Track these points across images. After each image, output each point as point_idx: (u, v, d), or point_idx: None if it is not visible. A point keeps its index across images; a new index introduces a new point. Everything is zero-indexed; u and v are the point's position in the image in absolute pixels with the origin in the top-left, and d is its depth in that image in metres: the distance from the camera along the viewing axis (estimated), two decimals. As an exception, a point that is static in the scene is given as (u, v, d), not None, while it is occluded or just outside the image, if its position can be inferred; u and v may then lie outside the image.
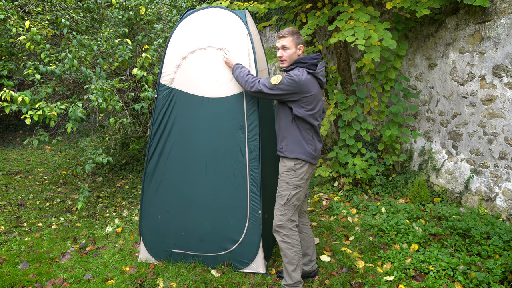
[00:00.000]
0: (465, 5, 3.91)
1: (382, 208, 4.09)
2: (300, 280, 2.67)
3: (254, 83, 2.60)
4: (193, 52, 2.94)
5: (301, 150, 2.61)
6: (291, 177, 2.63)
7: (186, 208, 3.06)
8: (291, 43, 2.60)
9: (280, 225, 2.65)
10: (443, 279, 2.84)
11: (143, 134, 5.91)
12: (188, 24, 2.97)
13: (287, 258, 2.64)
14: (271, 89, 2.54)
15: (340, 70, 4.91)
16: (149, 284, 2.91)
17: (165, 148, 3.04)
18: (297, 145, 2.61)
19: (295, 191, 2.64)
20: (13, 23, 4.17)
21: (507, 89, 3.58)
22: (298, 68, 2.59)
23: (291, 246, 2.63)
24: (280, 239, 2.66)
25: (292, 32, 2.61)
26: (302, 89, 2.52)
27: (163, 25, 4.90)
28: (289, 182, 2.63)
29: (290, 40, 2.60)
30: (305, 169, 2.64)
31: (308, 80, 2.54)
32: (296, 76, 2.51)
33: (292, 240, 2.64)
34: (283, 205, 2.64)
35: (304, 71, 2.55)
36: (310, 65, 2.60)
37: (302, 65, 2.60)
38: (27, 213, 4.49)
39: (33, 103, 3.79)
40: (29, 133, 9.15)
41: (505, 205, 3.68)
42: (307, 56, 2.64)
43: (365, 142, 4.79)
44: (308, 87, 2.53)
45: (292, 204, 2.64)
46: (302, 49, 2.65)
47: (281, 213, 2.65)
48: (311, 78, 2.57)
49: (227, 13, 2.92)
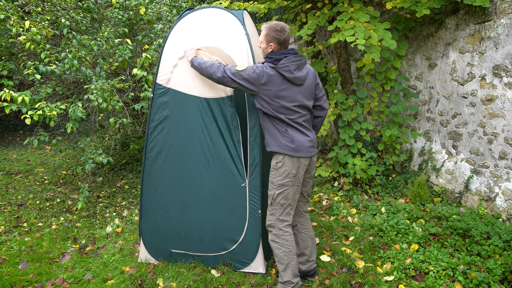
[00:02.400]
0: (465, 5, 3.91)
1: (382, 208, 4.09)
2: (290, 281, 2.63)
3: (220, 68, 2.59)
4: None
5: (276, 143, 2.59)
6: (274, 176, 2.62)
7: (186, 208, 3.06)
8: (263, 38, 2.60)
9: (270, 225, 2.67)
10: (443, 279, 2.84)
11: (143, 134, 5.91)
12: (185, 24, 2.97)
13: (277, 257, 2.66)
14: (233, 74, 2.54)
15: (340, 70, 4.91)
16: (149, 284, 2.91)
17: (163, 148, 3.04)
18: (272, 138, 2.61)
19: (280, 191, 2.60)
20: (13, 23, 4.17)
21: (507, 89, 3.58)
22: (265, 63, 2.60)
23: (280, 246, 2.63)
24: (270, 238, 2.68)
25: (266, 28, 2.58)
26: (259, 82, 2.51)
27: (163, 25, 4.90)
28: (273, 182, 2.62)
29: (263, 35, 2.61)
30: (288, 166, 2.58)
31: (267, 74, 2.51)
32: (257, 68, 2.52)
33: (281, 240, 2.63)
34: (270, 205, 2.67)
35: (267, 65, 2.55)
36: (275, 60, 2.56)
37: (268, 60, 2.60)
38: (27, 213, 4.49)
39: (33, 103, 3.79)
40: (29, 133, 9.15)
41: (505, 205, 3.68)
42: (277, 51, 2.59)
43: (365, 142, 4.79)
44: (263, 80, 2.51)
45: (279, 203, 2.62)
46: (273, 47, 2.59)
47: (270, 213, 2.67)
48: (274, 73, 2.53)
49: (224, 13, 2.92)
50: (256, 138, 2.86)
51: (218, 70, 2.60)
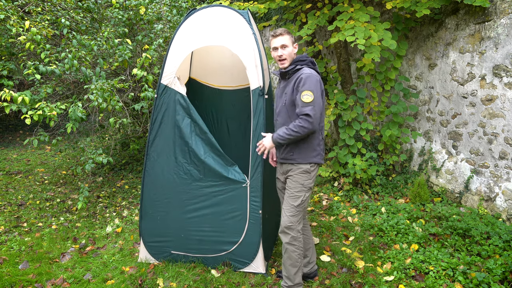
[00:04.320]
0: (465, 5, 3.91)
1: (382, 208, 4.09)
2: (301, 282, 2.66)
3: (303, 121, 2.41)
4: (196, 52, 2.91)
5: (314, 153, 2.59)
6: (305, 179, 2.59)
7: (185, 209, 3.05)
8: (289, 40, 2.55)
9: (290, 227, 2.58)
10: (443, 279, 2.84)
11: (143, 134, 5.91)
12: (191, 24, 2.94)
13: (291, 260, 2.60)
14: (314, 109, 2.39)
15: (340, 70, 4.91)
16: (149, 284, 2.91)
17: (164, 148, 3.04)
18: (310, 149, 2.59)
19: (309, 193, 2.63)
20: (13, 23, 4.17)
21: (507, 89, 3.58)
22: (305, 67, 2.54)
23: (296, 249, 2.59)
24: (287, 240, 2.59)
25: (287, 31, 2.57)
26: (322, 86, 2.53)
27: (163, 25, 4.90)
28: (304, 184, 2.59)
29: (288, 38, 2.55)
30: (317, 171, 2.65)
31: (321, 84, 2.53)
32: (313, 76, 2.47)
33: (298, 243, 2.60)
34: (296, 206, 2.58)
35: (313, 72, 2.52)
36: (309, 62, 2.58)
37: (302, 63, 2.57)
38: (27, 213, 4.49)
39: (33, 103, 3.79)
40: (29, 133, 9.15)
41: (505, 205, 3.68)
42: (300, 55, 2.61)
43: (365, 142, 4.79)
44: (321, 90, 2.52)
45: (303, 206, 2.62)
46: (297, 47, 2.63)
47: (293, 214, 2.58)
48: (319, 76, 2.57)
49: (231, 12, 2.89)
50: (258, 140, 2.85)
51: (304, 123, 2.41)
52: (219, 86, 3.72)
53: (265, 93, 2.83)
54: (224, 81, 3.74)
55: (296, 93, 2.50)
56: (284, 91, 2.60)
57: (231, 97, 3.77)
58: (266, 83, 2.89)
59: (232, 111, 3.77)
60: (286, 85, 2.61)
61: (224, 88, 3.74)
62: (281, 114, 2.63)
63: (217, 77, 3.72)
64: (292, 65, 2.58)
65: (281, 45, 2.54)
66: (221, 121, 3.79)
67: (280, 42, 2.54)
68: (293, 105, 2.53)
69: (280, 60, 2.58)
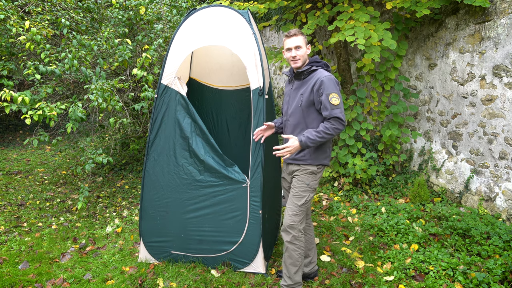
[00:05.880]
0: (465, 5, 3.91)
1: (382, 208, 4.09)
2: (300, 282, 2.67)
3: (334, 123, 2.44)
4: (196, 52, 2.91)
5: (324, 155, 2.62)
6: (311, 179, 2.61)
7: (186, 209, 3.05)
8: (303, 41, 2.55)
9: (292, 226, 2.58)
10: (443, 279, 2.84)
11: (143, 134, 5.91)
12: (191, 24, 2.94)
13: (292, 259, 2.61)
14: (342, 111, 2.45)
15: (340, 70, 4.91)
16: (149, 284, 2.91)
17: (164, 148, 3.04)
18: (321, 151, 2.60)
19: (313, 194, 2.65)
20: (13, 23, 4.17)
21: (507, 89, 3.58)
22: (320, 69, 2.56)
23: (297, 248, 2.60)
24: (289, 239, 2.60)
25: (300, 31, 2.57)
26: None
27: (163, 25, 4.90)
28: (309, 185, 2.60)
29: (302, 38, 2.55)
30: (322, 173, 2.68)
31: (339, 85, 2.56)
32: (334, 78, 2.50)
33: (299, 242, 2.60)
34: (299, 206, 2.59)
35: (330, 75, 2.52)
36: (323, 64, 2.61)
37: (317, 65, 2.58)
38: (27, 213, 4.49)
39: (33, 103, 3.79)
40: (29, 133, 9.15)
41: (505, 205, 3.68)
42: (314, 57, 2.63)
43: (365, 142, 4.79)
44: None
45: (307, 206, 2.63)
46: (310, 48, 2.64)
47: (295, 213, 2.59)
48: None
49: (231, 12, 2.89)
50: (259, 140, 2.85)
51: (338, 125, 2.44)
52: (219, 86, 3.73)
53: (265, 93, 2.83)
54: (224, 81, 3.74)
55: (316, 95, 2.49)
56: (300, 92, 2.57)
57: (231, 97, 3.78)
58: (266, 83, 2.89)
59: (232, 111, 3.77)
60: (301, 86, 2.59)
61: (224, 88, 3.75)
62: (295, 115, 2.60)
63: (217, 77, 3.72)
64: (308, 65, 2.58)
65: (295, 46, 2.54)
66: (221, 121, 3.80)
67: (294, 43, 2.53)
68: (310, 106, 2.53)
69: (293, 61, 2.58)
